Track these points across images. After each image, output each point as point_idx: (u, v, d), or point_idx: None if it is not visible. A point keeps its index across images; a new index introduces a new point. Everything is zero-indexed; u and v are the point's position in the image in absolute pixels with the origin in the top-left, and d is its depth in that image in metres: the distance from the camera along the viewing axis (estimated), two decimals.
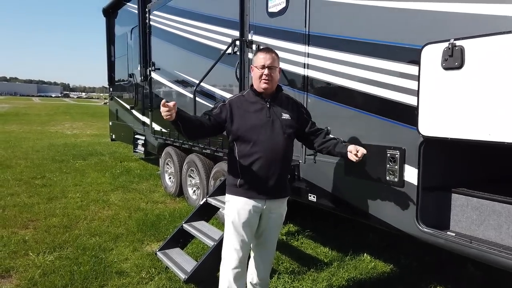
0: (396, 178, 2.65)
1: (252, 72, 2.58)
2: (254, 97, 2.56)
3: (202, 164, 5.41)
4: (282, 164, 2.53)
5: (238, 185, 2.50)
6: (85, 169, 8.70)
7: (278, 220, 2.65)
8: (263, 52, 2.53)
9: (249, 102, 2.55)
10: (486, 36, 2.03)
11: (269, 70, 2.47)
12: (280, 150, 2.51)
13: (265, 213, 2.56)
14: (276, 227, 2.68)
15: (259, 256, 2.73)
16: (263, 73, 2.47)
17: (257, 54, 2.56)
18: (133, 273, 3.56)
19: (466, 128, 2.14)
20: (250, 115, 2.50)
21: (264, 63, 2.47)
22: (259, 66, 2.49)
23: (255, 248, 2.71)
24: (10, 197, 6.10)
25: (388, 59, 2.66)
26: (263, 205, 2.51)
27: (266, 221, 2.59)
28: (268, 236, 2.65)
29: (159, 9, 6.20)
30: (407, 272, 3.73)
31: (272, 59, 2.49)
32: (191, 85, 5.30)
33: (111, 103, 10.10)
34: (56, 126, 20.98)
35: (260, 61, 2.49)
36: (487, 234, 2.37)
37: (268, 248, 2.71)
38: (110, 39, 9.64)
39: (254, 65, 2.55)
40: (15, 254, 3.92)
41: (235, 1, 4.22)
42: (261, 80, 2.49)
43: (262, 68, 2.47)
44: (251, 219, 2.52)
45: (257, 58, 2.52)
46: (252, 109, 2.52)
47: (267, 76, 2.47)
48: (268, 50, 2.56)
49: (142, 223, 4.91)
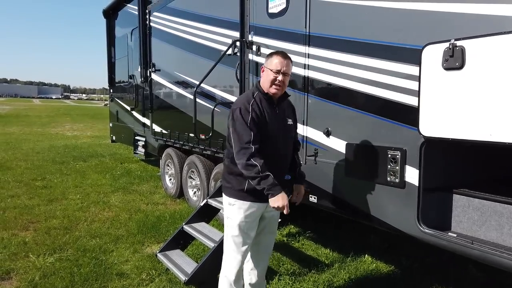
0: (397, 179, 2.64)
1: (263, 72, 2.49)
2: (265, 102, 2.46)
3: (203, 166, 5.40)
4: (286, 169, 2.61)
5: (245, 190, 2.47)
6: (86, 170, 8.70)
7: (276, 217, 2.71)
8: (280, 56, 2.43)
9: (262, 106, 2.44)
10: (486, 36, 2.03)
11: (283, 76, 2.42)
12: (287, 156, 2.57)
13: (266, 212, 2.59)
14: (275, 224, 2.74)
15: (257, 255, 2.73)
16: (277, 78, 2.40)
17: (272, 56, 2.46)
18: (134, 275, 3.55)
19: (467, 129, 2.13)
20: (265, 121, 2.41)
21: (280, 68, 2.40)
22: (274, 70, 2.40)
23: (253, 247, 2.70)
24: (10, 199, 6.10)
25: (388, 60, 2.65)
26: (265, 206, 2.53)
27: (266, 219, 2.63)
28: (267, 234, 2.70)
29: (160, 11, 6.20)
30: (408, 273, 3.72)
31: (288, 66, 2.43)
32: (191, 86, 5.29)
33: (111, 105, 10.10)
34: (57, 128, 20.98)
35: (276, 65, 2.41)
36: (489, 235, 2.36)
37: (267, 246, 2.75)
38: (111, 40, 9.65)
39: (268, 67, 2.45)
40: (16, 256, 3.92)
41: (235, 2, 4.22)
42: (273, 84, 2.42)
43: (276, 73, 2.40)
44: (255, 221, 2.56)
45: (273, 61, 2.43)
46: (266, 114, 2.43)
47: (280, 82, 2.42)
48: (285, 56, 2.45)
49: (143, 224, 4.90)
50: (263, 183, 2.29)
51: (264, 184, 2.29)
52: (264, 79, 2.48)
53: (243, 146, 2.31)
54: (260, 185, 2.30)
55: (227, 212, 2.58)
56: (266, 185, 2.29)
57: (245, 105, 2.39)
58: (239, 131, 2.34)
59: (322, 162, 3.26)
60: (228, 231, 2.58)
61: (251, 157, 2.28)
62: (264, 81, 2.48)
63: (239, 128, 2.35)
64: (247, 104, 2.40)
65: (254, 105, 2.39)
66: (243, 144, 2.32)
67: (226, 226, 2.60)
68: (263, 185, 2.29)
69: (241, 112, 2.36)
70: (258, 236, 2.66)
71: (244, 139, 2.32)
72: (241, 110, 2.37)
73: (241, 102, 2.44)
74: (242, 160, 2.31)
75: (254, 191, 2.45)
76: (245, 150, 2.30)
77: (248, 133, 2.32)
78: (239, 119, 2.35)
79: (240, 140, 2.33)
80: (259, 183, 2.30)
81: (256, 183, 2.32)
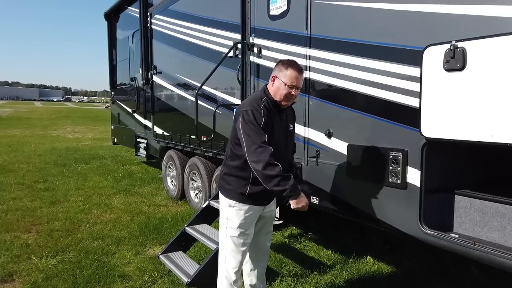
0: (399, 180, 2.64)
1: (274, 82, 2.43)
2: (273, 108, 2.45)
3: (204, 167, 5.41)
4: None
5: (247, 194, 2.48)
6: (87, 172, 8.72)
7: (272, 214, 2.78)
8: (295, 71, 2.38)
9: (271, 112, 2.42)
10: (487, 38, 2.04)
11: (296, 90, 2.41)
12: (288, 160, 2.61)
13: (263, 212, 2.65)
14: (271, 222, 2.81)
15: (256, 256, 2.77)
16: (291, 93, 2.39)
17: (288, 69, 2.38)
18: (136, 277, 3.55)
19: (469, 130, 2.14)
20: (272, 127, 2.40)
21: (296, 84, 2.38)
22: (288, 84, 2.36)
23: (252, 247, 2.71)
24: (12, 201, 6.11)
25: (390, 61, 2.66)
26: (263, 207, 2.62)
27: (263, 219, 2.68)
28: (265, 233, 2.75)
29: (161, 13, 6.23)
30: (410, 274, 3.72)
31: (302, 80, 2.44)
32: (192, 88, 5.31)
33: (113, 107, 10.12)
34: (58, 130, 21.02)
35: (292, 80, 2.37)
36: (491, 235, 2.36)
37: (266, 245, 2.80)
38: (112, 43, 9.67)
39: (281, 80, 2.39)
40: (18, 258, 3.93)
41: (236, 4, 4.23)
42: (284, 97, 2.40)
43: (291, 88, 2.37)
44: (254, 221, 2.61)
45: (288, 74, 2.37)
46: (275, 122, 2.43)
47: (293, 96, 2.42)
48: (300, 70, 2.42)
49: (145, 226, 4.91)
50: (283, 184, 2.23)
51: (285, 185, 2.23)
52: (276, 90, 2.42)
53: (260, 145, 2.25)
54: (279, 185, 2.23)
55: (226, 213, 2.58)
56: (289, 186, 2.24)
57: (256, 108, 2.35)
58: (254, 131, 2.28)
59: (323, 163, 3.27)
60: (227, 232, 2.58)
61: (272, 156, 2.22)
62: (275, 91, 2.43)
63: (253, 128, 2.28)
64: (258, 107, 2.36)
65: (264, 110, 2.36)
66: (259, 143, 2.25)
67: (225, 227, 2.59)
68: (283, 186, 2.22)
69: (254, 114, 2.31)
70: (256, 237, 2.68)
71: (262, 139, 2.27)
72: (254, 112, 2.32)
73: (251, 104, 2.39)
74: (262, 157, 2.22)
75: (255, 196, 2.48)
76: (263, 149, 2.24)
77: (263, 133, 2.29)
78: (252, 120, 2.30)
79: (256, 140, 2.26)
80: (278, 184, 2.22)
81: (274, 184, 2.23)
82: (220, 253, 2.66)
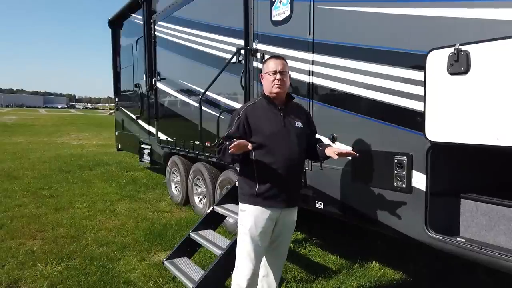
0: (404, 184, 2.63)
1: (263, 79, 2.62)
2: (267, 105, 2.57)
3: (208, 173, 5.41)
4: (297, 173, 2.62)
5: (256, 195, 2.49)
6: (92, 179, 8.75)
7: (291, 225, 2.71)
8: (273, 59, 2.60)
9: (263, 109, 2.56)
10: (491, 41, 2.03)
11: (280, 75, 2.52)
12: (296, 159, 2.55)
13: (280, 220, 2.59)
14: (289, 233, 2.73)
15: (270, 263, 2.73)
16: (276, 78, 2.52)
17: (267, 61, 2.63)
18: (141, 283, 3.55)
19: (474, 133, 2.13)
20: (265, 123, 2.50)
21: (276, 69, 2.53)
22: (270, 72, 2.54)
23: (267, 255, 2.70)
24: (17, 208, 6.14)
25: (393, 65, 2.66)
26: (279, 213, 2.55)
27: (280, 227, 2.62)
28: (281, 242, 2.69)
29: (164, 20, 6.27)
30: (416, 279, 3.69)
31: (282, 65, 2.56)
32: (196, 94, 5.33)
33: (117, 113, 10.17)
34: (63, 137, 21.13)
35: (271, 67, 2.55)
36: (498, 239, 2.34)
37: (281, 254, 2.75)
38: (116, 50, 9.74)
39: (264, 72, 2.60)
40: (23, 265, 3.94)
41: (239, 10, 4.26)
42: (273, 85, 2.53)
43: (274, 73, 2.53)
44: (268, 228, 2.55)
45: (268, 65, 2.58)
46: (267, 116, 2.53)
47: (279, 80, 2.52)
48: (278, 57, 2.63)
49: (149, 232, 4.91)
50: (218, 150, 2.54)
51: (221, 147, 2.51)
52: (265, 84, 2.61)
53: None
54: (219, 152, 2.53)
55: (239, 219, 2.60)
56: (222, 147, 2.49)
57: (238, 110, 2.61)
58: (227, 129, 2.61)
59: (328, 168, 3.26)
60: (239, 237, 2.58)
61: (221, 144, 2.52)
62: (265, 86, 2.61)
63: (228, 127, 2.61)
64: (241, 109, 2.60)
65: (248, 107, 2.57)
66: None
67: (238, 233, 2.60)
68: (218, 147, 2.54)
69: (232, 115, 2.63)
70: (272, 244, 2.65)
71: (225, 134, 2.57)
72: (233, 113, 2.64)
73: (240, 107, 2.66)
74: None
75: (265, 197, 2.47)
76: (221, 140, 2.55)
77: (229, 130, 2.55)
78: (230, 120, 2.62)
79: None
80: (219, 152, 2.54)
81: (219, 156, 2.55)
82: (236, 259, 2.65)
